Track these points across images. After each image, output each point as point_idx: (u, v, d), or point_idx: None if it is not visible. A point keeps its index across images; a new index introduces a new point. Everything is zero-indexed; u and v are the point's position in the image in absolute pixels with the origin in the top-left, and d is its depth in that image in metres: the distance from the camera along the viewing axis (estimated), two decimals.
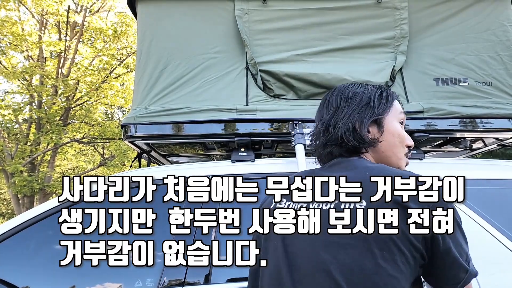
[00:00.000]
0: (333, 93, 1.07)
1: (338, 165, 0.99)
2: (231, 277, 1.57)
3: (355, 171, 0.92)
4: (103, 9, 11.60)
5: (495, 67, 2.05)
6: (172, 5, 2.07)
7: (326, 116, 1.04)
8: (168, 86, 1.96)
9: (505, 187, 1.69)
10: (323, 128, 1.03)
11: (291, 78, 2.00)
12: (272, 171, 1.79)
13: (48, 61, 10.73)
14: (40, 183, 9.66)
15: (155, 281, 1.49)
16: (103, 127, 11.01)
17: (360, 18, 2.08)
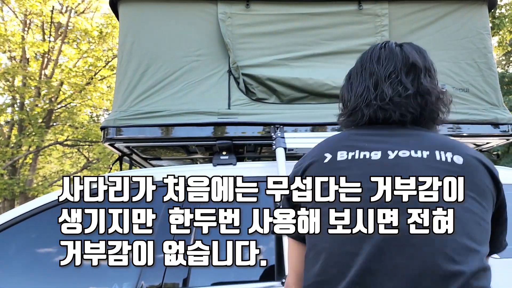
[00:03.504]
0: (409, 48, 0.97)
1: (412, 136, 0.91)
2: (215, 281, 1.57)
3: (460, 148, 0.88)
4: (88, 10, 11.49)
5: (472, 74, 2.09)
6: (155, 7, 2.07)
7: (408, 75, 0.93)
8: (149, 88, 1.95)
9: None
10: (409, 91, 0.91)
11: (273, 82, 2.01)
12: (252, 174, 1.79)
13: (31, 62, 10.54)
14: (21, 186, 9.46)
15: (133, 285, 1.47)
16: (87, 129, 10.86)
17: (341, 24, 2.11)
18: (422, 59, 0.96)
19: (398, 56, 0.95)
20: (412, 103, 0.91)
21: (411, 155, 0.86)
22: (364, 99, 0.95)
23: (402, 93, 0.91)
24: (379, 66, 0.96)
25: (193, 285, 1.48)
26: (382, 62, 0.96)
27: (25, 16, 9.95)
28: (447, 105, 0.97)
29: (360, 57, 1.04)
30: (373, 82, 0.94)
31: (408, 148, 0.87)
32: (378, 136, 0.92)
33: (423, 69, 0.94)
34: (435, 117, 0.95)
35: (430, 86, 0.92)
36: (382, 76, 0.94)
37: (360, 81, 0.98)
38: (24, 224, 1.64)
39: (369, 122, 0.96)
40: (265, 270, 1.56)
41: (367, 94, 0.95)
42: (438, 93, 0.93)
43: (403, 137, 0.91)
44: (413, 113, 0.91)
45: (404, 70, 0.93)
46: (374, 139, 0.92)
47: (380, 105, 0.92)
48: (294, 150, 1.85)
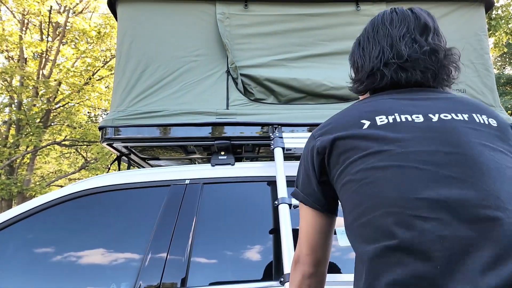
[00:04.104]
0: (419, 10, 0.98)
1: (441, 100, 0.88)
2: (213, 281, 1.57)
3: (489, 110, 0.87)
4: (86, 10, 11.47)
5: (468, 75, 2.11)
6: (153, 7, 2.07)
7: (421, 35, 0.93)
8: (147, 88, 1.95)
9: None
10: (425, 48, 0.91)
11: (271, 83, 2.02)
12: (251, 174, 1.80)
13: (29, 62, 10.52)
14: (18, 186, 9.43)
15: (131, 285, 1.47)
16: (85, 129, 10.84)
17: (339, 25, 2.12)
18: (431, 20, 0.97)
19: (410, 17, 0.96)
20: (429, 60, 0.90)
21: (454, 118, 0.82)
22: (381, 60, 0.93)
23: (418, 50, 0.90)
24: (392, 27, 0.95)
25: (191, 285, 1.49)
26: (395, 24, 0.96)
27: (23, 16, 9.93)
28: (457, 62, 0.96)
29: (370, 22, 1.03)
30: (388, 43, 0.94)
31: (448, 111, 0.84)
32: (408, 100, 0.88)
33: (432, 29, 0.95)
34: (449, 73, 0.94)
35: (439, 45, 0.92)
36: (397, 36, 0.94)
37: (374, 44, 0.97)
38: (22, 224, 1.64)
39: (390, 86, 0.94)
40: (263, 270, 1.57)
41: (383, 54, 0.93)
42: (445, 51, 0.93)
43: (434, 101, 0.88)
44: (432, 69, 0.91)
45: (418, 30, 0.94)
46: (406, 103, 0.87)
47: (399, 64, 0.91)
48: (292, 150, 1.85)
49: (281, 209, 1.48)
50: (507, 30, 6.90)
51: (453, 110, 0.84)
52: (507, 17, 6.81)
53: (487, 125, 0.82)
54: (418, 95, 0.90)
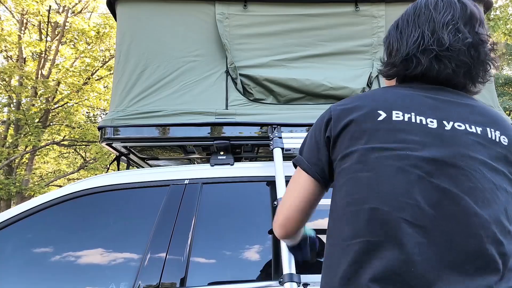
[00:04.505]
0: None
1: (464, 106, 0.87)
2: (212, 281, 1.57)
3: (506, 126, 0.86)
4: (86, 10, 11.46)
5: None
6: (152, 7, 2.07)
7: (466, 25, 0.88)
8: (146, 88, 1.95)
9: None
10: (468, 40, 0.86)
11: (270, 83, 2.02)
12: (250, 174, 1.80)
13: (28, 62, 10.51)
14: (17, 186, 9.41)
15: (130, 285, 1.47)
16: (84, 129, 10.83)
17: (338, 25, 2.13)
18: (478, 11, 0.92)
19: (457, 5, 0.90)
20: (467, 53, 0.86)
21: (467, 129, 0.82)
22: (419, 45, 0.89)
23: (460, 40, 0.86)
24: (436, 12, 0.90)
25: (190, 285, 1.49)
26: (440, 9, 0.90)
27: (22, 16, 9.91)
28: (497, 59, 0.92)
29: (412, 5, 0.98)
30: (430, 28, 0.89)
31: (463, 120, 0.83)
32: (430, 99, 0.87)
33: (479, 20, 0.90)
34: (486, 70, 0.90)
35: (484, 37, 0.89)
36: (440, 22, 0.88)
37: (414, 28, 0.92)
38: (20, 224, 1.64)
39: (420, 76, 0.91)
40: (262, 270, 1.57)
41: (422, 39, 0.89)
42: (491, 44, 0.90)
43: (456, 106, 0.86)
44: (468, 64, 0.87)
45: (463, 19, 0.89)
46: (426, 102, 0.87)
47: (438, 51, 0.87)
48: (292, 150, 1.85)
49: None
50: (505, 30, 6.92)
51: (469, 121, 0.84)
52: (505, 18, 6.83)
53: (497, 142, 0.82)
54: (443, 95, 0.88)
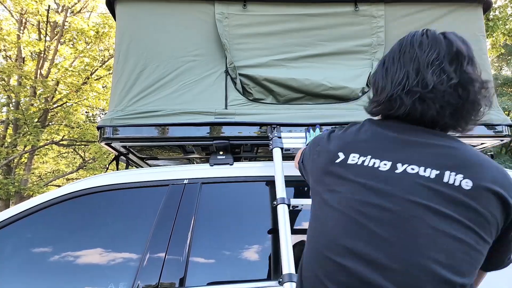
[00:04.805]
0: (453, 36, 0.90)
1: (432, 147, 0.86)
2: (211, 281, 1.57)
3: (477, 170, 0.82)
4: (85, 10, 11.44)
5: None
6: (152, 6, 2.07)
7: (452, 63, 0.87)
8: (146, 88, 1.95)
9: None
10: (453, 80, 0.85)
11: (270, 83, 2.02)
12: (250, 174, 1.80)
13: (27, 61, 10.49)
14: (16, 186, 9.39)
15: (129, 285, 1.47)
16: (83, 129, 10.81)
17: (338, 25, 2.12)
18: (466, 48, 0.89)
19: (442, 43, 0.89)
20: (454, 94, 0.85)
21: (419, 173, 0.82)
22: (404, 86, 0.88)
23: (445, 81, 0.85)
24: (421, 51, 0.89)
25: (189, 285, 1.48)
26: (424, 48, 0.89)
27: (21, 15, 9.89)
28: (490, 98, 0.89)
29: (398, 42, 0.97)
30: (415, 68, 0.88)
31: (421, 163, 0.83)
32: (398, 141, 0.89)
33: (467, 57, 0.87)
34: (478, 109, 0.88)
35: (474, 75, 0.86)
36: (425, 62, 0.87)
37: (399, 67, 0.91)
38: (19, 223, 1.64)
39: (404, 117, 0.91)
40: (262, 270, 1.57)
41: (407, 80, 0.88)
42: (481, 83, 0.87)
43: (422, 148, 0.86)
44: (454, 104, 0.85)
45: (448, 58, 0.87)
46: (390, 144, 0.89)
47: (422, 93, 0.86)
48: (291, 150, 1.85)
49: (280, 209, 1.48)
50: (504, 31, 6.93)
51: (428, 164, 0.84)
52: (504, 18, 6.84)
53: (454, 186, 0.80)
54: (416, 136, 0.89)
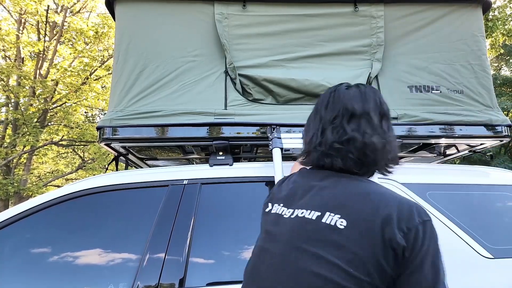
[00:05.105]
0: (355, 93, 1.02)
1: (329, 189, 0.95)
2: (211, 281, 1.57)
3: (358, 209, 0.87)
4: (84, 10, 11.43)
5: (466, 76, 2.12)
6: (151, 7, 2.06)
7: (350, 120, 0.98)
8: (145, 88, 1.95)
9: (473, 191, 1.75)
10: (346, 136, 0.96)
11: (269, 83, 2.02)
12: (250, 175, 1.80)
13: (26, 62, 10.47)
14: (15, 186, 9.38)
15: (128, 285, 1.46)
16: (82, 129, 10.80)
17: (337, 26, 2.12)
18: (365, 105, 0.98)
19: (340, 104, 1.00)
20: (351, 149, 0.95)
21: (305, 216, 0.90)
22: (312, 144, 1.01)
23: (341, 138, 0.95)
24: (326, 111, 1.02)
25: (189, 285, 1.48)
26: (329, 107, 1.02)
27: (20, 15, 9.88)
28: (390, 153, 0.98)
29: (318, 98, 1.10)
30: (321, 128, 1.01)
31: (312, 207, 0.91)
32: (307, 188, 0.98)
33: (364, 115, 0.97)
34: (376, 163, 0.97)
35: (357, 134, 0.95)
36: (327, 120, 1.00)
37: (312, 126, 1.05)
38: (19, 224, 1.64)
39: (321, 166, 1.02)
40: None
41: (315, 139, 1.01)
42: (380, 142, 0.96)
43: (323, 192, 0.94)
44: (353, 158, 0.95)
45: (347, 115, 0.98)
46: (299, 193, 0.99)
47: (323, 151, 0.98)
48: (291, 151, 1.85)
49: None
50: (503, 31, 6.93)
51: (313, 206, 0.92)
52: (503, 18, 6.84)
53: (330, 226, 0.85)
54: (325, 182, 0.97)
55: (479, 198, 1.73)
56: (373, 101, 1.00)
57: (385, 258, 0.79)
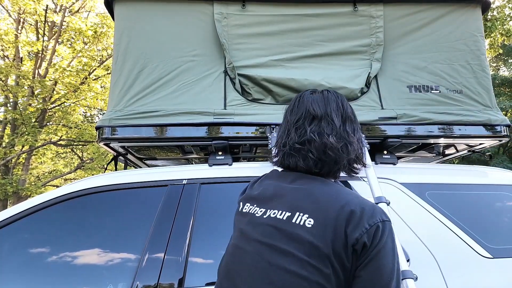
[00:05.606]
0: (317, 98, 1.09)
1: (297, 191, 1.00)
2: (210, 281, 1.56)
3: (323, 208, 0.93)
4: (83, 9, 11.41)
5: (465, 76, 2.12)
6: (151, 6, 2.06)
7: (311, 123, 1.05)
8: (145, 88, 1.94)
9: (472, 191, 1.75)
10: (304, 137, 1.04)
11: (269, 83, 2.02)
12: (249, 175, 1.80)
13: (24, 61, 10.46)
14: (14, 186, 9.37)
15: (127, 285, 1.46)
16: (81, 129, 10.79)
17: (337, 25, 2.12)
18: (327, 108, 1.05)
19: (304, 105, 1.07)
20: (311, 149, 1.00)
21: (276, 216, 0.96)
22: (280, 145, 1.09)
23: (301, 138, 1.02)
24: (291, 114, 1.09)
25: (188, 285, 1.48)
26: (294, 110, 1.09)
27: (19, 15, 9.87)
28: (351, 154, 1.03)
29: (288, 105, 1.17)
30: (287, 130, 1.08)
31: (283, 207, 0.97)
32: (278, 189, 1.04)
33: (325, 117, 1.04)
34: (337, 163, 1.02)
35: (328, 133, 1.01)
36: (292, 123, 1.07)
37: (281, 127, 1.13)
38: (18, 224, 1.63)
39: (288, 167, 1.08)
40: None
41: (280, 140, 1.08)
42: (339, 142, 1.01)
43: (295, 193, 0.99)
44: (313, 158, 1.01)
45: (309, 118, 1.04)
46: (270, 194, 1.04)
47: (287, 151, 1.04)
48: None
49: None
50: (502, 31, 6.95)
51: (284, 207, 0.97)
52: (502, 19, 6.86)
53: (300, 226, 0.91)
54: (295, 183, 1.02)
55: (478, 198, 1.74)
56: (335, 104, 1.07)
57: (345, 253, 0.86)
